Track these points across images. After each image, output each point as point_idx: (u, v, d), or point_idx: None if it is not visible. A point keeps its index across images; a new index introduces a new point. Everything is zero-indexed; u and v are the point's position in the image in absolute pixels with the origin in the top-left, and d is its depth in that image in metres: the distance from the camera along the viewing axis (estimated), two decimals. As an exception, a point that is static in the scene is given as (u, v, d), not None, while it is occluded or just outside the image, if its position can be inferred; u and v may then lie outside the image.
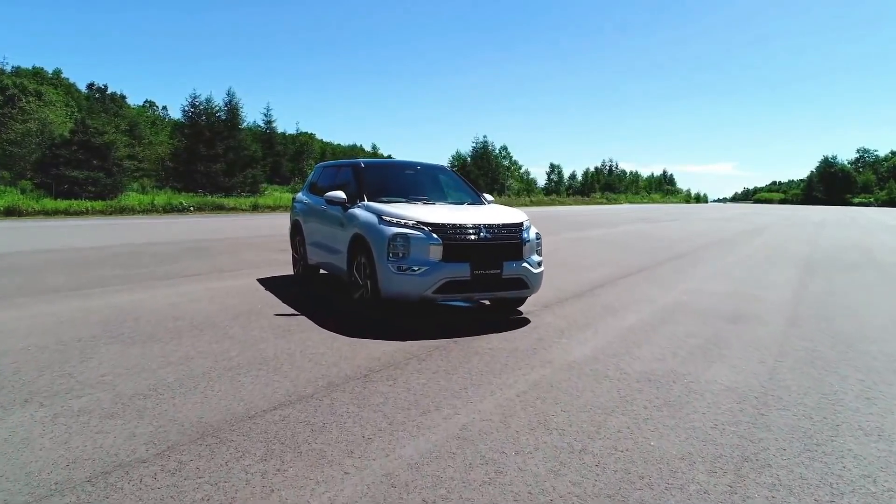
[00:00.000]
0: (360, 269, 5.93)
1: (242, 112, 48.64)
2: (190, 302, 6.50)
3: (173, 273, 8.59)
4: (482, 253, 5.45)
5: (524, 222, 5.90)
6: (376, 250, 5.50)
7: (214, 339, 4.96)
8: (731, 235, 19.47)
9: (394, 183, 6.95)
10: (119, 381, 3.86)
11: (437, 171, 7.53)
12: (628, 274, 9.52)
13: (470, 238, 5.43)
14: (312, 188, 8.13)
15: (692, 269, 10.44)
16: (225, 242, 13.50)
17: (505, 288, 5.61)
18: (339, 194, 6.38)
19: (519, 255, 5.64)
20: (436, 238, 5.35)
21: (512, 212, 6.21)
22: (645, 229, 22.22)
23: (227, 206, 39.43)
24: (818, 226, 27.46)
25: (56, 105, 53.25)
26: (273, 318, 5.76)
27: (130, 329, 5.23)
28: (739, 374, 4.29)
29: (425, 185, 7.07)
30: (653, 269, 10.17)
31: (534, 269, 5.77)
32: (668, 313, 6.45)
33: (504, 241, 5.57)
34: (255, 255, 10.98)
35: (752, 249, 14.51)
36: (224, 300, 6.64)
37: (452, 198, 6.97)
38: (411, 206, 6.02)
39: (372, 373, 4.12)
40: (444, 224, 5.43)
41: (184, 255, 10.87)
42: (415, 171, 7.33)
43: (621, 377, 4.15)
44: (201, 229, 18.05)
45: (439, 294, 5.35)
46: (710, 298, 7.43)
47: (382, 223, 5.60)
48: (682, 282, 8.80)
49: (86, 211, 32.00)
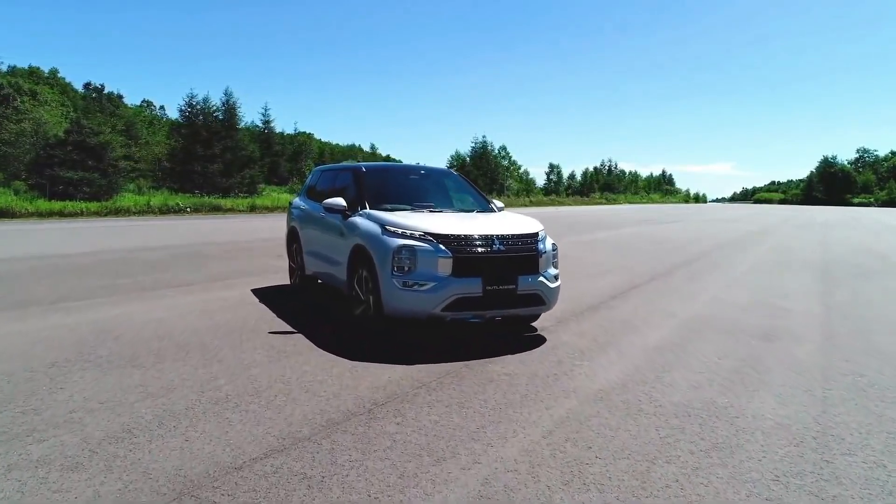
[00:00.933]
0: (361, 283, 5.47)
1: (240, 112, 48.13)
2: (178, 317, 6.03)
3: (163, 283, 8.11)
4: (495, 267, 4.99)
5: (539, 232, 5.44)
6: (379, 263, 5.04)
7: (201, 362, 4.50)
8: (737, 238, 19.02)
9: (397, 189, 6.48)
10: (90, 419, 3.39)
11: (442, 175, 7.05)
12: (641, 282, 9.07)
13: (482, 250, 4.96)
14: (310, 193, 7.66)
15: (706, 276, 9.99)
16: (220, 247, 13.03)
17: (520, 305, 5.15)
18: (338, 201, 5.91)
19: (535, 269, 5.18)
20: (445, 251, 4.89)
21: (525, 220, 5.75)
22: (649, 232, 21.78)
23: (224, 207, 38.95)
24: (824, 227, 27.04)
25: (52, 105, 52.71)
26: (267, 337, 5.29)
27: (110, 351, 4.76)
28: (787, 407, 3.84)
29: (431, 192, 6.60)
30: (665, 277, 9.72)
31: (550, 283, 5.31)
32: (692, 329, 6.00)
33: (519, 254, 5.11)
34: (251, 262, 10.51)
35: (764, 253, 14.07)
36: (215, 315, 6.17)
37: (460, 205, 6.52)
38: (417, 215, 5.56)
39: (377, 407, 3.66)
40: (453, 235, 4.97)
41: (176, 262, 10.39)
42: (419, 176, 6.86)
43: (657, 411, 3.70)
44: (196, 233, 17.57)
45: (449, 312, 4.88)
46: (733, 310, 6.97)
47: (386, 234, 5.13)
48: (699, 291, 8.35)
49: (80, 212, 31.52)
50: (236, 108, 47.43)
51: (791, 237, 19.96)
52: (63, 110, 51.47)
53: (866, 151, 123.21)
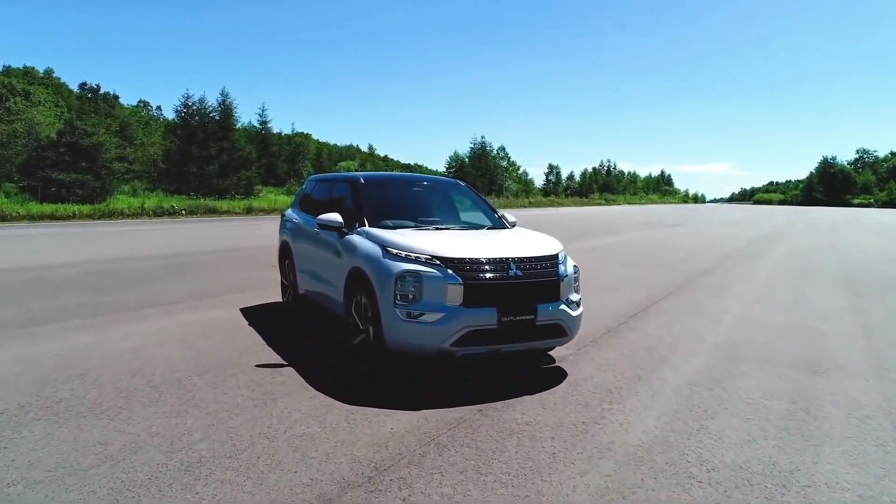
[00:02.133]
0: (359, 310, 4.88)
1: (237, 112, 47.51)
2: (156, 346, 5.43)
3: (146, 301, 7.51)
4: (512, 294, 4.41)
5: (559, 253, 4.85)
6: (380, 291, 4.45)
7: (175, 408, 3.90)
8: (747, 244, 18.46)
9: (399, 203, 5.87)
10: (29, 495, 2.80)
11: (449, 187, 6.45)
12: (659, 297, 8.49)
13: (497, 276, 4.38)
14: (304, 204, 7.06)
15: (725, 289, 9.41)
16: (211, 257, 12.42)
17: (539, 337, 4.56)
18: (333, 217, 5.31)
19: (556, 296, 4.60)
20: (454, 277, 4.30)
21: (543, 239, 5.16)
22: (654, 237, 21.21)
23: (220, 210, 38.36)
24: (831, 230, 26.48)
25: (46, 105, 52.06)
26: (253, 373, 4.69)
27: (72, 393, 4.16)
28: (863, 470, 3.25)
29: (436, 205, 6.02)
30: (683, 291, 9.14)
31: (573, 311, 4.72)
32: (727, 358, 5.42)
33: (538, 279, 4.52)
34: (243, 274, 9.91)
35: (779, 262, 13.50)
36: (197, 342, 5.57)
37: (469, 220, 5.91)
38: (422, 234, 4.96)
39: (378, 473, 3.07)
40: (465, 259, 4.38)
41: (163, 274, 9.78)
42: (423, 188, 6.26)
43: (711, 478, 3.11)
44: (188, 239, 16.96)
45: (459, 347, 4.29)
46: (766, 334, 6.40)
47: (387, 256, 4.54)
48: (722, 309, 7.77)
49: (73, 215, 30.92)
50: (233, 109, 46.77)
51: (802, 243, 19.40)
52: (57, 111, 50.82)
53: (866, 152, 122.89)
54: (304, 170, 65.08)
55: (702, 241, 19.33)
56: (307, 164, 67.51)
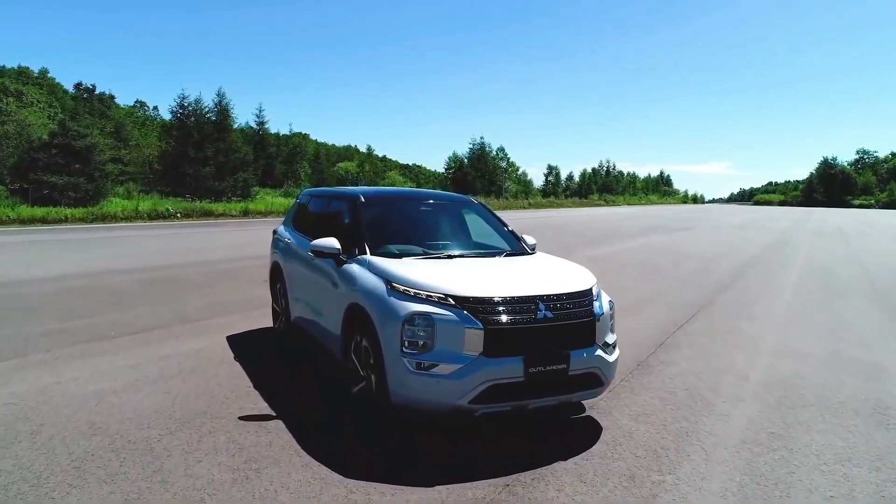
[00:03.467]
0: (359, 354, 4.19)
1: (234, 113, 46.75)
2: (126, 389, 4.73)
3: (122, 326, 6.80)
4: (541, 340, 3.73)
5: (593, 287, 4.17)
6: (385, 336, 3.76)
7: (137, 485, 3.21)
8: (761, 252, 17.80)
9: (405, 225, 5.16)
10: None
11: (460, 205, 5.73)
12: (683, 319, 7.82)
13: (524, 318, 3.69)
14: (297, 221, 6.36)
15: (753, 308, 8.74)
16: (201, 269, 11.70)
17: (572, 389, 3.87)
18: (329, 243, 4.60)
19: (591, 339, 3.92)
20: (474, 320, 3.61)
21: (572, 270, 4.48)
22: (664, 243, 20.54)
23: (215, 212, 37.67)
24: (842, 235, 25.84)
25: (40, 104, 51.30)
26: (236, 428, 4.00)
27: (15, 462, 3.45)
28: None
29: (446, 227, 5.30)
30: (708, 311, 8.46)
31: (609, 356, 4.04)
32: (780, 404, 4.74)
33: (571, 321, 3.84)
34: (233, 292, 9.20)
35: (801, 274, 12.83)
36: (174, 384, 4.87)
37: (483, 243, 5.22)
38: (432, 265, 4.27)
39: None
40: (485, 298, 3.69)
41: (147, 291, 9.07)
42: (432, 208, 5.53)
43: None
44: (180, 248, 16.24)
45: (479, 405, 3.61)
46: (815, 369, 5.72)
47: (393, 294, 3.85)
48: (756, 335, 7.10)
49: (65, 219, 30.23)
50: (229, 109, 46.07)
51: (818, 250, 18.73)
52: (51, 111, 50.03)
53: (866, 152, 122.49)
54: (301, 171, 64.37)
55: (713, 248, 18.65)
56: (305, 166, 66.77)
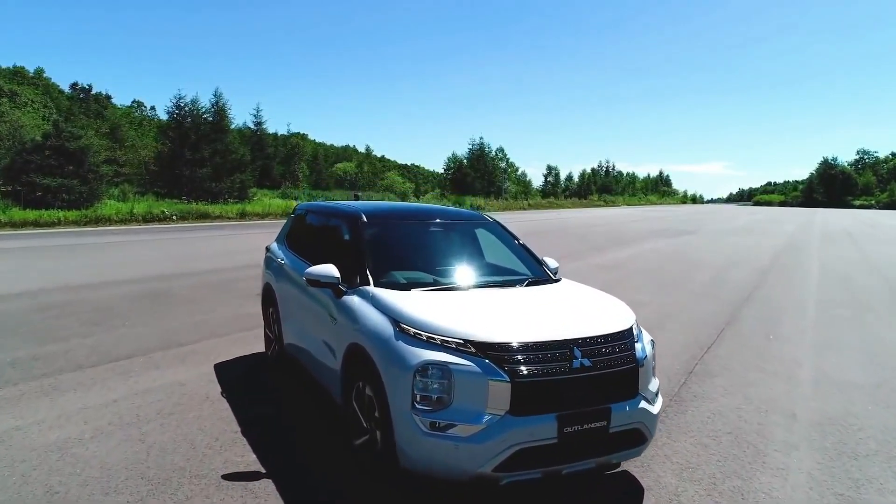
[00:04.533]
0: (361, 402, 3.61)
1: (231, 113, 46.10)
2: (94, 436, 4.14)
3: (101, 352, 6.21)
4: (578, 393, 3.15)
5: (633, 325, 3.60)
6: (392, 388, 3.19)
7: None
8: (773, 258, 17.24)
9: (412, 248, 4.55)
10: None
11: (472, 224, 5.09)
12: (708, 341, 7.25)
13: (557, 367, 3.12)
14: (291, 239, 5.78)
15: (780, 327, 8.17)
16: (193, 280, 11.10)
17: (612, 449, 3.29)
18: (327, 272, 4.01)
19: (634, 390, 3.34)
20: (499, 371, 3.04)
21: (607, 304, 3.90)
22: (672, 249, 19.97)
23: (212, 214, 37.10)
24: (851, 240, 25.29)
25: (34, 105, 50.65)
26: (217, 492, 3.41)
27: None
28: None
29: (458, 250, 4.68)
30: (733, 331, 7.89)
31: (653, 407, 3.47)
32: (840, 453, 4.17)
33: (612, 370, 3.26)
34: (224, 308, 8.60)
35: (822, 284, 12.27)
36: (150, 430, 4.28)
37: (501, 268, 4.62)
38: (446, 299, 3.68)
39: None
40: (513, 344, 3.12)
41: (132, 308, 8.47)
42: (442, 228, 4.90)
43: None
44: (172, 255, 15.63)
45: (505, 472, 3.03)
46: (870, 407, 5.15)
47: (402, 337, 3.27)
48: (792, 361, 6.54)
49: (58, 221, 29.68)
50: (226, 110, 45.43)
51: (830, 256, 18.17)
52: (45, 112, 49.40)
53: (866, 153, 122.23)
54: (299, 172, 63.75)
55: (723, 254, 18.06)
56: (303, 166, 66.15)
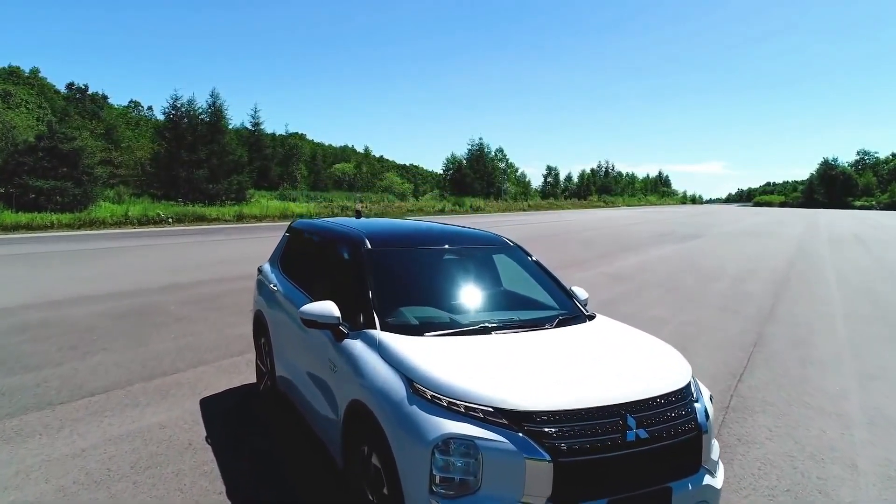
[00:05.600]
0: (367, 471, 3.02)
1: (228, 114, 45.46)
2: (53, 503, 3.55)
3: (73, 385, 5.61)
4: (633, 471, 2.57)
5: (691, 380, 3.02)
6: (405, 464, 2.60)
7: None
8: (786, 266, 16.67)
9: (423, 279, 3.93)
10: None
11: (492, 249, 4.43)
12: (740, 366, 6.68)
13: (608, 442, 2.54)
14: (285, 261, 5.19)
15: (813, 348, 7.60)
16: (183, 294, 10.49)
17: (673, 537, 2.72)
18: (325, 310, 3.39)
19: (696, 462, 2.76)
20: (538, 449, 2.45)
21: (656, 349, 3.33)
22: (681, 256, 19.39)
23: (209, 217, 36.52)
24: (860, 243, 24.73)
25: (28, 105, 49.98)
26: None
27: None
28: None
29: (477, 280, 4.05)
30: (763, 352, 7.32)
31: (717, 480, 2.88)
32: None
33: (672, 441, 2.68)
34: (214, 328, 7.99)
35: (844, 296, 11.69)
36: (119, 492, 3.67)
37: (526, 300, 4.01)
38: (466, 347, 3.08)
39: None
40: (554, 413, 2.53)
41: (115, 328, 7.86)
42: (457, 255, 4.24)
43: None
44: (163, 264, 15.02)
45: (546, 575, 2.45)
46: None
47: (416, 401, 2.68)
48: (837, 393, 5.95)
49: (51, 225, 29.10)
50: (223, 110, 44.81)
51: (844, 263, 17.60)
52: (40, 112, 48.73)
53: (866, 153, 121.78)
54: (297, 173, 63.13)
55: (735, 262, 17.46)
56: (301, 167, 65.50)
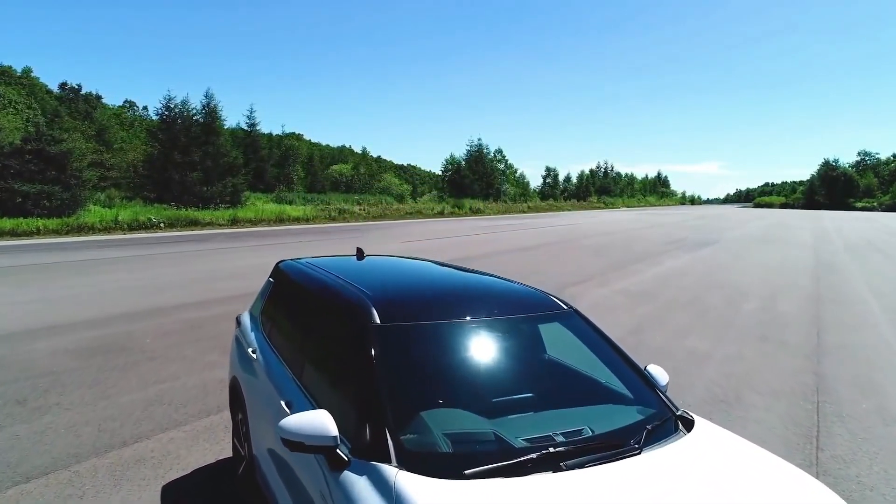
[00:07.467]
0: None
1: (223, 115, 44.35)
2: None
3: (10, 463, 4.54)
4: None
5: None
6: None
7: None
8: (812, 279, 15.67)
9: (454, 364, 2.78)
10: None
11: (541, 316, 3.12)
12: (811, 424, 5.66)
13: None
14: (267, 317, 4.12)
15: (886, 397, 6.59)
16: (160, 321, 9.41)
17: None
18: (315, 427, 2.30)
19: None
20: None
21: (792, 483, 2.27)
22: (697, 268, 18.37)
23: (202, 221, 35.47)
24: (880, 251, 23.79)
25: (17, 106, 48.83)
26: None
27: None
28: None
29: (522, 367, 2.91)
30: (831, 402, 6.30)
31: None
32: None
33: None
34: (190, 370, 6.92)
35: (890, 319, 10.69)
36: None
37: (590, 393, 2.94)
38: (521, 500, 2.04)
39: None
40: None
41: (75, 371, 6.79)
42: (500, 330, 2.91)
43: None
44: (143, 282, 13.93)
45: None
46: None
47: None
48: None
49: (37, 231, 28.06)
50: (218, 111, 43.71)
51: (872, 275, 16.61)
52: (30, 113, 47.58)
53: (867, 154, 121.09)
54: (294, 174, 62.08)
55: (757, 276, 16.39)
56: (298, 168, 64.44)
